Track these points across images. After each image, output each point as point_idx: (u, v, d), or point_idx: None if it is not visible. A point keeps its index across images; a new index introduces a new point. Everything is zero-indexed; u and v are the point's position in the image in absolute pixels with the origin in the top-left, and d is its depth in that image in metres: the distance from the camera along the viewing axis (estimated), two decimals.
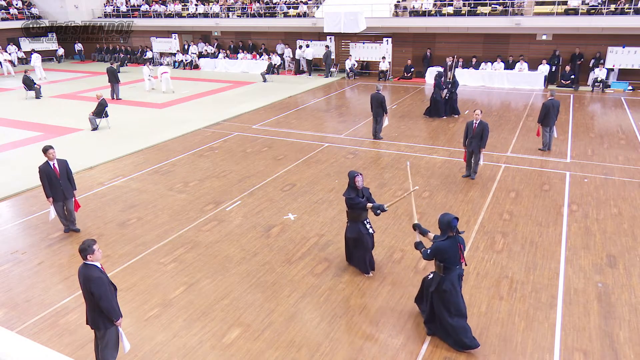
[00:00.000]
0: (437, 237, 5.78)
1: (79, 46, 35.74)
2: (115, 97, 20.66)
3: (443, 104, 16.61)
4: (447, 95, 16.52)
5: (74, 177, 8.93)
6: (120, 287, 7.11)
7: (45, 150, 8.39)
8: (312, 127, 15.82)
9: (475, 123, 10.40)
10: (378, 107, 13.56)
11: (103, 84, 22.99)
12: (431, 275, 5.98)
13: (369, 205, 6.89)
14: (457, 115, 16.72)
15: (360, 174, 6.90)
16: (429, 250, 5.65)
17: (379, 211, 6.83)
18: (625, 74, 20.58)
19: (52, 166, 8.42)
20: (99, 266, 5.13)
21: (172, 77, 23.28)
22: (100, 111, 15.95)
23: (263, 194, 10.44)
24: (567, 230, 8.48)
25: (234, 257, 7.96)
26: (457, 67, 19.37)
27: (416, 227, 6.22)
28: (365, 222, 7.08)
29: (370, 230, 7.12)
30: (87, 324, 5.26)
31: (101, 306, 5.01)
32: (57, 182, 8.46)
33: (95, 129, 15.88)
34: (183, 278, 7.39)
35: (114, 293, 5.24)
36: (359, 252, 7.23)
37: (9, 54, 31.84)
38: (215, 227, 9.00)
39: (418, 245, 5.99)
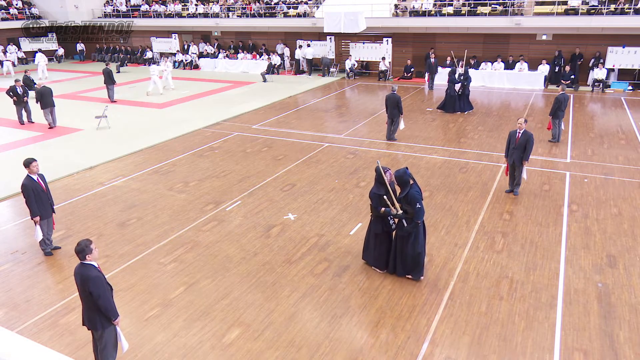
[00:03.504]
0: (402, 192, 6.69)
1: (80, 46, 35.74)
2: (110, 99, 20.44)
3: (457, 99, 17.07)
4: (460, 90, 17.04)
5: (74, 179, 8.79)
6: (120, 287, 7.13)
7: (29, 163, 7.65)
8: (312, 127, 15.82)
9: (519, 133, 9.63)
10: (394, 107, 13.46)
11: (102, 84, 22.96)
12: (394, 229, 7.05)
13: (382, 210, 6.87)
14: (471, 110, 17.25)
15: (389, 169, 6.96)
16: (417, 205, 6.49)
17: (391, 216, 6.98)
18: (624, 74, 20.56)
19: (37, 180, 7.75)
20: (96, 265, 5.12)
21: (172, 77, 23.48)
22: None
23: (263, 194, 10.44)
24: (567, 230, 8.47)
25: (234, 257, 7.96)
26: (461, 64, 19.58)
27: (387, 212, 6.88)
28: (389, 217, 7.10)
29: (394, 226, 7.13)
30: (83, 324, 5.24)
31: (99, 305, 4.99)
32: (45, 196, 7.80)
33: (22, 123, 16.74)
34: (183, 278, 7.39)
35: (110, 293, 5.22)
36: (381, 248, 7.24)
37: (10, 54, 31.85)
38: (215, 227, 9.00)
39: (404, 220, 6.71)
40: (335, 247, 8.14)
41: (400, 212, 6.74)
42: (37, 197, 7.70)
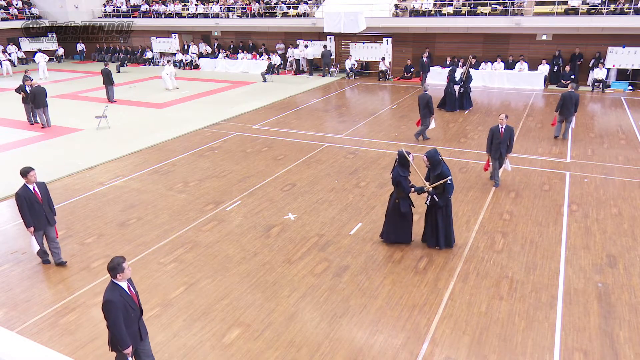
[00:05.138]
0: (434, 171, 7.56)
1: (80, 46, 35.72)
2: (109, 99, 20.42)
3: (456, 98, 17.32)
4: (462, 89, 17.29)
5: (74, 179, 8.66)
6: None
7: (26, 172, 7.35)
8: (312, 127, 15.82)
9: (502, 128, 9.94)
10: (425, 107, 13.46)
11: (102, 84, 22.96)
12: (427, 203, 7.80)
13: (413, 190, 7.67)
14: (471, 107, 17.64)
15: (411, 153, 7.78)
16: (448, 180, 7.35)
17: (421, 192, 7.78)
18: (622, 74, 20.53)
19: (33, 190, 7.42)
20: (125, 288, 4.84)
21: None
22: None
23: (263, 194, 10.44)
24: (567, 230, 8.48)
25: (234, 257, 7.96)
26: (460, 66, 19.70)
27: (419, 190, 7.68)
28: (421, 194, 7.93)
29: (427, 203, 7.92)
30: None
31: (108, 329, 4.76)
32: (39, 207, 7.43)
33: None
34: (183, 278, 7.39)
35: (139, 317, 4.97)
36: (409, 225, 8.02)
37: (9, 54, 31.84)
38: (215, 227, 9.00)
39: (435, 196, 7.55)
40: (335, 247, 8.14)
41: (431, 189, 7.52)
42: (30, 208, 7.37)
